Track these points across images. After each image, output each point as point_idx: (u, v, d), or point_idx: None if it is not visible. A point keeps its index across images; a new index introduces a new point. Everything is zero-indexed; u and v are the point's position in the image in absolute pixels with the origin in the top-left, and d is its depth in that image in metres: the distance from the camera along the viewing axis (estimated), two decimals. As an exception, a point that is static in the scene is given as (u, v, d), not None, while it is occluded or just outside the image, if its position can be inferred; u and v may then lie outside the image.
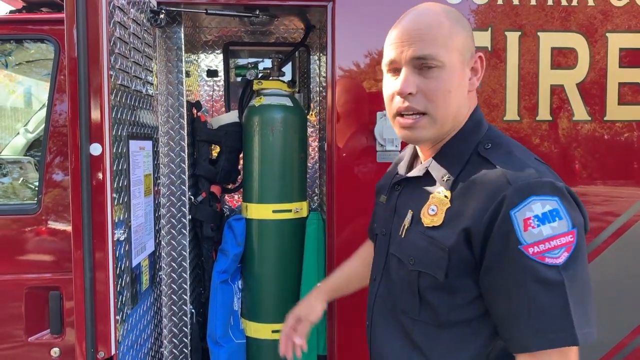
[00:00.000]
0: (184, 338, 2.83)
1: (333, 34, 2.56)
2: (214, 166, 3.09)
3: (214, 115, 3.48)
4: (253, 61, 3.28)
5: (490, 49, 2.60)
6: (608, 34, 2.65)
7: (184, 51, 2.77)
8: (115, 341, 1.69)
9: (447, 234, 1.31)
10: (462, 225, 1.28)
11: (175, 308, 2.79)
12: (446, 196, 1.34)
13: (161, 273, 2.68)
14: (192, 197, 2.92)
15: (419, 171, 1.47)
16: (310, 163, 3.41)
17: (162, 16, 2.45)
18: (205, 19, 3.05)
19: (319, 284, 1.94)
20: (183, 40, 2.75)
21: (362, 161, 2.59)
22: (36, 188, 2.82)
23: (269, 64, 3.15)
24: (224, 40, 3.43)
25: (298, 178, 2.99)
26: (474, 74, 1.41)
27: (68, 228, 2.68)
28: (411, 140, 1.42)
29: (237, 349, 3.01)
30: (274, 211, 2.92)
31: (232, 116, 3.15)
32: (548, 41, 2.63)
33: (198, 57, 3.46)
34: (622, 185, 2.75)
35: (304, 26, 3.20)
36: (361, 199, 2.53)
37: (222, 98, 3.52)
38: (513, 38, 2.61)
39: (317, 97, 3.43)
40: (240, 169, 3.20)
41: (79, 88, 1.58)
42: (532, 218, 1.20)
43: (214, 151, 3.28)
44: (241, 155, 3.11)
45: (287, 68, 3.46)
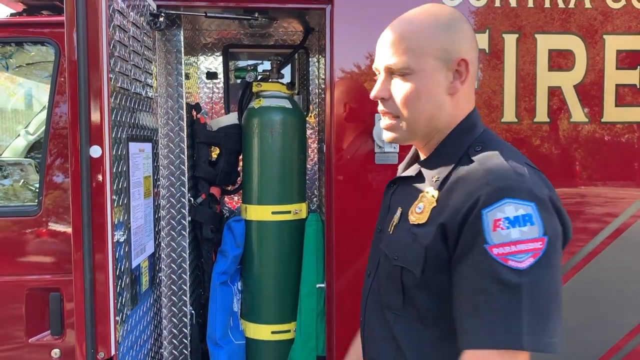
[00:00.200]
0: (184, 339, 2.84)
1: (331, 37, 2.58)
2: (214, 168, 3.10)
3: (214, 117, 3.49)
4: (252, 63, 3.29)
5: (488, 51, 2.62)
6: (605, 36, 2.67)
7: (184, 53, 2.78)
8: (115, 342, 1.70)
9: (428, 232, 1.33)
10: (440, 221, 1.31)
11: (175, 309, 2.80)
12: (433, 196, 1.36)
13: (161, 274, 2.69)
14: (192, 199, 2.93)
15: (412, 171, 1.51)
16: (309, 165, 3.42)
17: (162, 19, 2.46)
18: (204, 22, 3.07)
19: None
20: (182, 42, 2.76)
21: (361, 163, 2.60)
22: (37, 190, 2.83)
23: (268, 66, 3.17)
24: (224, 42, 3.44)
25: (297, 180, 3.01)
26: (458, 77, 1.42)
27: (68, 230, 2.69)
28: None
29: (237, 350, 3.02)
30: (273, 212, 2.94)
31: (232, 118, 3.16)
32: (546, 43, 2.64)
33: (198, 60, 3.47)
34: (621, 186, 2.76)
35: (303, 29, 3.22)
36: (360, 201, 2.55)
37: (222, 100, 3.53)
38: (511, 40, 2.62)
39: (316, 99, 3.44)
40: (239, 171, 3.21)
41: (79, 91, 1.59)
42: (503, 220, 1.21)
43: (214, 153, 3.30)
44: (241, 157, 3.13)
45: (287, 70, 3.47)
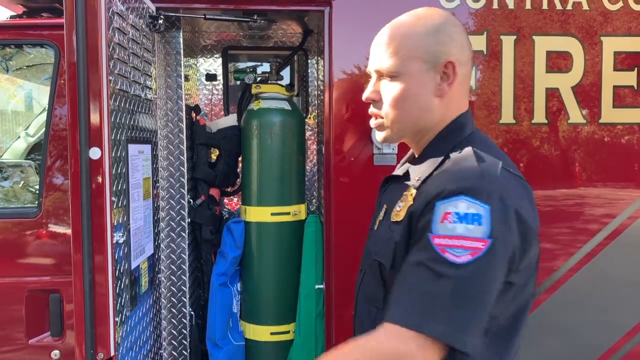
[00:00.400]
0: (184, 340, 2.85)
1: (330, 38, 2.58)
2: (213, 169, 3.11)
3: (213, 118, 3.50)
4: (252, 65, 3.30)
5: (486, 53, 2.63)
6: (603, 38, 2.67)
7: (183, 55, 2.79)
8: (114, 342, 1.71)
9: (401, 228, 1.38)
10: (409, 211, 1.36)
11: (174, 310, 2.81)
12: (412, 194, 1.40)
13: (160, 275, 2.70)
14: (191, 200, 2.94)
15: (402, 170, 1.55)
16: (308, 166, 3.43)
17: (161, 21, 2.47)
18: (204, 24, 3.07)
19: None
20: (182, 44, 2.77)
21: (360, 164, 2.61)
22: (37, 191, 2.84)
23: (268, 68, 3.17)
24: (223, 44, 3.45)
25: (296, 181, 3.02)
26: (445, 79, 1.45)
27: (68, 231, 2.69)
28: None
29: (236, 351, 3.03)
30: (273, 214, 2.94)
31: (231, 120, 3.17)
32: (543, 45, 2.65)
33: (197, 61, 3.48)
34: (619, 187, 2.76)
35: (302, 30, 3.23)
36: (359, 202, 2.55)
37: (221, 102, 3.54)
38: (509, 42, 2.63)
39: (315, 101, 3.45)
40: (239, 172, 3.22)
41: (79, 93, 1.60)
42: (453, 214, 1.24)
43: (213, 154, 3.30)
44: (240, 158, 3.13)
45: (286, 72, 3.48)
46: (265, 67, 3.29)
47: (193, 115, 3.05)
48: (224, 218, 3.37)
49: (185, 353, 2.86)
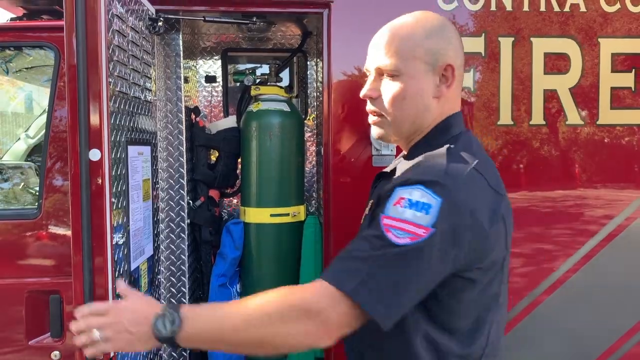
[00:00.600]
0: (183, 341, 2.85)
1: (329, 40, 2.59)
2: (212, 171, 3.12)
3: (213, 120, 3.51)
4: (251, 67, 3.31)
5: (484, 55, 2.63)
6: (600, 39, 2.68)
7: (183, 57, 2.80)
8: (114, 343, 1.71)
9: (369, 214, 1.48)
10: (377, 196, 1.46)
11: (174, 311, 2.81)
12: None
13: (160, 276, 2.71)
14: (191, 202, 2.94)
15: (390, 167, 1.65)
16: (308, 167, 3.44)
17: (161, 24, 2.47)
18: (203, 26, 3.08)
19: None
20: (181, 46, 2.78)
21: (359, 165, 2.62)
22: (37, 193, 2.84)
23: (267, 70, 3.18)
24: (222, 46, 3.46)
25: (295, 182, 3.02)
26: (444, 82, 1.52)
27: (68, 232, 2.70)
28: (378, 136, 1.58)
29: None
30: (272, 215, 2.95)
31: (230, 121, 3.18)
32: (541, 46, 2.66)
33: (197, 63, 3.49)
34: (617, 188, 2.77)
35: (301, 32, 3.23)
36: (358, 203, 2.55)
37: (221, 103, 3.54)
38: (507, 43, 2.64)
39: (315, 102, 3.46)
40: (238, 174, 3.23)
41: (79, 95, 1.61)
42: (406, 199, 1.32)
43: (213, 156, 3.31)
44: (239, 159, 3.14)
45: (285, 73, 3.49)
46: (264, 69, 3.30)
47: (192, 116, 3.06)
48: (224, 219, 3.38)
49: (184, 354, 2.86)
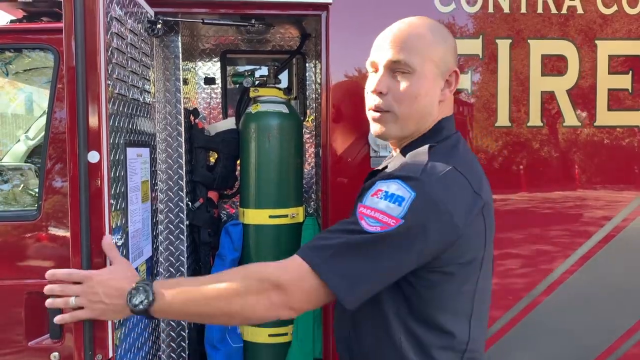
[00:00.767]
0: (182, 342, 2.86)
1: (327, 42, 2.61)
2: (211, 172, 3.12)
3: (212, 122, 3.52)
4: (250, 69, 3.32)
5: (481, 57, 2.65)
6: (597, 41, 2.70)
7: (182, 59, 2.80)
8: (112, 344, 1.73)
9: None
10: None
11: (173, 312, 2.82)
12: None
13: (159, 278, 2.72)
14: (190, 203, 2.95)
15: (381, 166, 1.70)
16: (307, 169, 3.45)
17: (160, 26, 2.48)
18: (202, 28, 3.09)
19: None
20: (180, 48, 2.78)
21: (356, 167, 2.63)
22: (36, 195, 2.85)
23: (266, 72, 3.19)
24: (222, 48, 3.47)
25: (294, 184, 3.03)
26: (447, 86, 1.59)
27: (68, 234, 2.70)
28: (378, 133, 1.61)
29: (234, 353, 3.04)
30: (271, 216, 2.95)
31: (229, 123, 3.18)
32: (539, 48, 2.67)
33: (196, 65, 3.50)
34: (615, 189, 2.78)
35: (300, 34, 3.24)
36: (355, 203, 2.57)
37: (220, 105, 3.56)
38: (504, 45, 2.65)
39: (314, 104, 3.47)
40: (237, 175, 3.24)
41: (77, 97, 1.62)
42: (383, 191, 1.41)
43: (212, 157, 3.32)
44: (238, 161, 3.15)
45: (284, 75, 3.50)
46: (263, 71, 3.31)
47: (191, 118, 3.07)
48: (223, 220, 3.38)
49: (183, 355, 2.87)
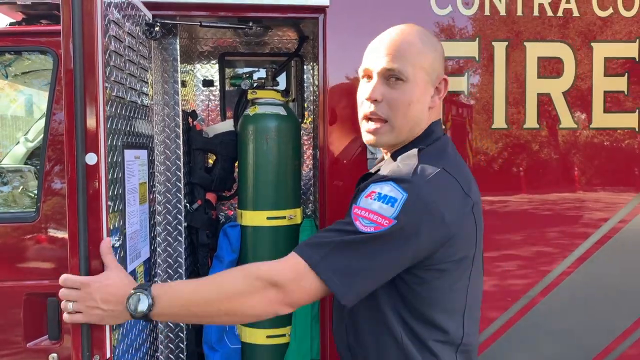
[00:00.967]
0: (180, 343, 2.87)
1: (324, 45, 2.62)
2: (210, 174, 3.14)
3: (210, 124, 3.53)
4: (248, 71, 3.33)
5: (478, 59, 2.66)
6: (593, 44, 2.71)
7: (180, 61, 2.81)
8: (110, 345, 1.73)
9: None
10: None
11: (171, 313, 2.82)
12: None
13: (157, 279, 2.73)
14: (188, 205, 2.96)
15: (374, 169, 1.73)
16: (305, 170, 3.46)
17: (157, 29, 2.49)
18: (200, 31, 3.10)
19: None
20: (179, 51, 2.79)
21: (353, 169, 2.63)
22: (35, 196, 2.86)
23: (264, 74, 3.20)
24: (220, 50, 3.48)
25: (292, 185, 3.04)
26: (437, 93, 1.64)
27: (66, 235, 2.71)
28: (372, 143, 1.65)
29: (232, 354, 3.05)
30: (268, 218, 2.96)
31: (228, 125, 3.20)
32: (535, 51, 2.68)
33: (194, 67, 3.52)
34: (611, 191, 2.79)
35: (298, 37, 3.26)
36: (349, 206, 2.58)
37: (218, 107, 3.57)
38: (500, 48, 2.67)
39: (311, 106, 3.48)
40: (235, 177, 3.25)
41: (75, 99, 1.63)
42: (376, 192, 1.45)
43: (210, 159, 3.33)
44: (236, 163, 3.16)
45: (282, 77, 3.51)
46: (261, 73, 3.32)
47: (190, 120, 3.08)
48: (221, 222, 3.39)
49: (182, 356, 2.88)
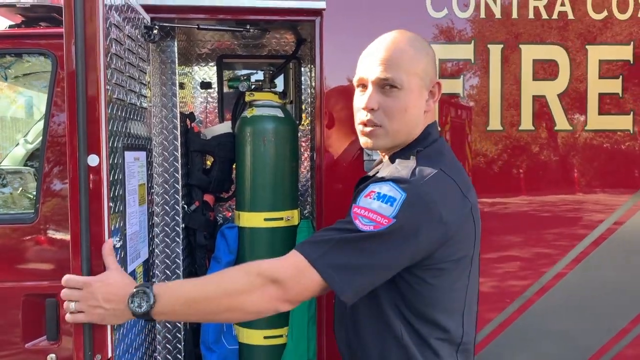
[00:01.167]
0: (178, 344, 2.88)
1: (321, 48, 2.64)
2: (207, 176, 3.15)
3: (208, 126, 3.54)
4: (246, 73, 3.34)
5: (473, 62, 2.68)
6: (588, 46, 2.73)
7: (178, 64, 2.83)
8: (111, 345, 1.75)
9: None
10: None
11: (169, 314, 2.83)
12: None
13: (155, 280, 2.74)
14: (186, 206, 2.97)
15: (373, 172, 1.76)
16: (302, 172, 3.48)
17: (156, 32, 2.50)
18: (198, 33, 3.11)
19: None
20: (176, 53, 2.81)
21: (350, 170, 2.66)
22: (34, 198, 2.87)
23: (262, 76, 3.21)
24: (218, 53, 3.49)
25: (289, 187, 3.05)
26: (431, 97, 1.67)
27: (64, 237, 2.74)
28: (368, 146, 1.67)
29: (230, 355, 3.06)
30: (266, 219, 2.97)
31: (225, 127, 3.21)
32: (530, 53, 2.70)
33: (192, 70, 3.53)
34: (606, 192, 2.81)
35: (295, 39, 3.27)
36: (349, 207, 2.60)
37: (216, 109, 3.58)
38: (495, 50, 2.69)
39: (309, 108, 3.49)
40: (233, 179, 3.26)
41: (77, 101, 1.64)
42: (376, 192, 1.48)
43: (208, 161, 3.34)
44: (234, 165, 3.17)
45: (280, 80, 3.52)
46: (259, 75, 3.33)
47: (188, 122, 3.09)
48: (218, 223, 3.41)
49: (179, 357, 2.89)
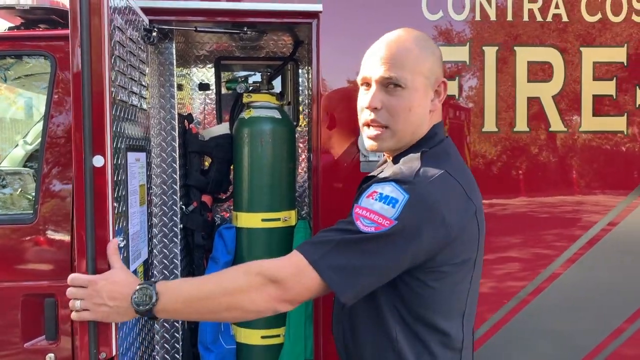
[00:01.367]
0: (176, 344, 2.89)
1: (318, 49, 2.66)
2: (205, 176, 3.17)
3: (206, 127, 3.56)
4: (244, 75, 3.36)
5: (468, 63, 2.71)
6: (582, 49, 2.76)
7: (177, 65, 2.84)
8: (116, 342, 1.76)
9: None
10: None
11: (168, 314, 2.85)
12: None
13: (153, 280, 2.75)
14: (184, 207, 2.99)
15: (377, 172, 1.72)
16: (300, 173, 3.50)
17: (155, 34, 2.52)
18: (197, 35, 3.13)
19: None
20: (175, 55, 2.82)
21: (346, 171, 2.69)
22: (33, 198, 2.88)
23: (260, 78, 3.23)
24: (216, 54, 3.51)
25: (286, 187, 3.07)
26: (437, 96, 1.65)
27: (64, 237, 2.74)
28: (374, 149, 1.66)
29: (227, 354, 3.08)
30: (263, 220, 2.99)
31: (223, 128, 3.23)
32: (524, 55, 2.74)
33: (190, 71, 3.55)
34: (600, 194, 2.84)
35: (293, 41, 3.29)
36: (345, 208, 2.60)
37: (214, 110, 3.60)
38: (491, 52, 2.72)
39: (306, 109, 3.52)
40: (231, 179, 3.27)
41: (83, 103, 1.66)
42: (378, 193, 1.47)
43: (206, 162, 3.36)
44: (232, 165, 3.19)
45: (278, 81, 3.55)
46: (257, 77, 3.35)
47: (186, 123, 3.11)
48: (216, 224, 3.42)
49: (177, 356, 2.90)
